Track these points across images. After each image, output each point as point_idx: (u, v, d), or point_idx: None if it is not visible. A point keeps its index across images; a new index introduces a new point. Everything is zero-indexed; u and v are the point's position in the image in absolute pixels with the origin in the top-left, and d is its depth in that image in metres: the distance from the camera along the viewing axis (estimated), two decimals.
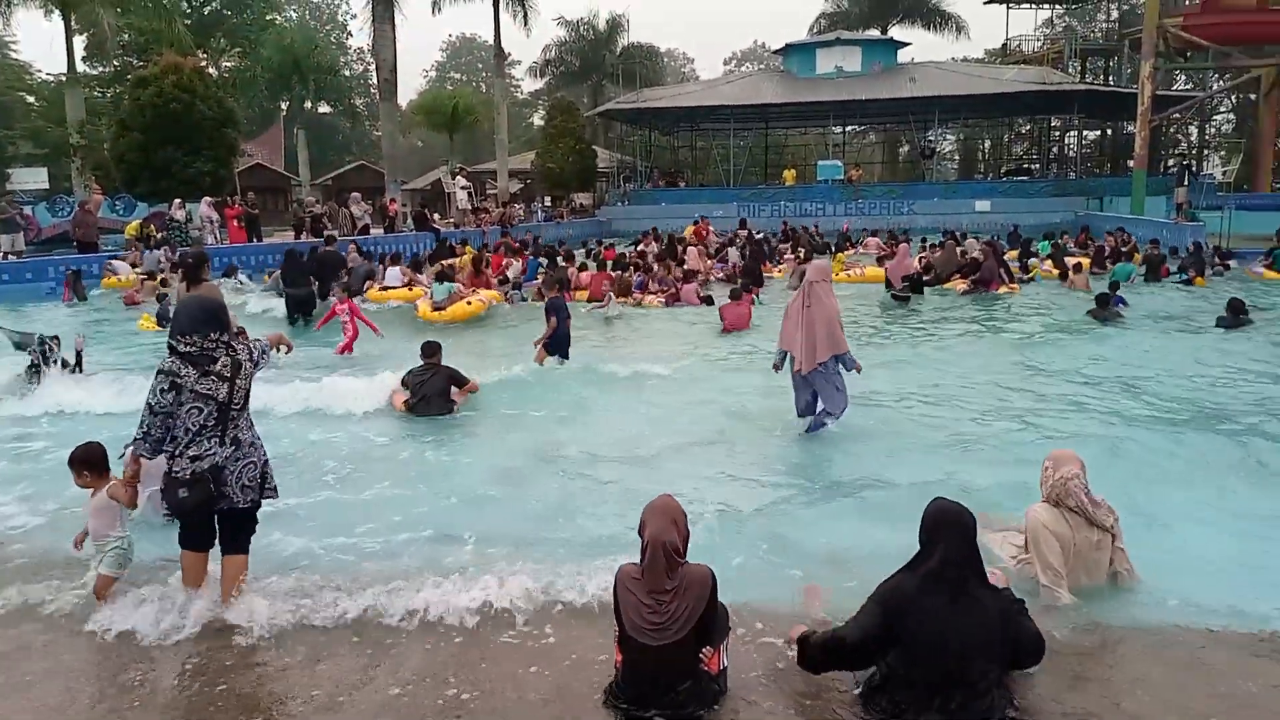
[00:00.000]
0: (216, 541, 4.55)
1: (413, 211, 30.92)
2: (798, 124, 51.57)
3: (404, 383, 8.81)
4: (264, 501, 4.59)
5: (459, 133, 47.95)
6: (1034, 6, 48.53)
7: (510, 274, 18.79)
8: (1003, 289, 17.11)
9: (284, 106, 51.70)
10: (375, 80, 36.16)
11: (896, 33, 48.87)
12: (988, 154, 56.71)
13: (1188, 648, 4.11)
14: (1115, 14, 49.80)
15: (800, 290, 7.66)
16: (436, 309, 14.85)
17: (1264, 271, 19.00)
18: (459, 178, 33.07)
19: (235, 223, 24.13)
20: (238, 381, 4.35)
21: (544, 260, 19.94)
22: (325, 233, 21.31)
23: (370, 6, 29.35)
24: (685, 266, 19.15)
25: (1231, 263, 20.38)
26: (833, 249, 25.26)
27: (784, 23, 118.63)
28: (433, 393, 8.58)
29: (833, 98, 39.92)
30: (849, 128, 52.78)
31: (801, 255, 21.59)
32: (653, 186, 43.84)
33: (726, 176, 44.59)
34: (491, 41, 38.06)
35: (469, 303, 15.11)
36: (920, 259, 19.21)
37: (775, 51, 50.69)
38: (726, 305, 13.96)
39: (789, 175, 43.37)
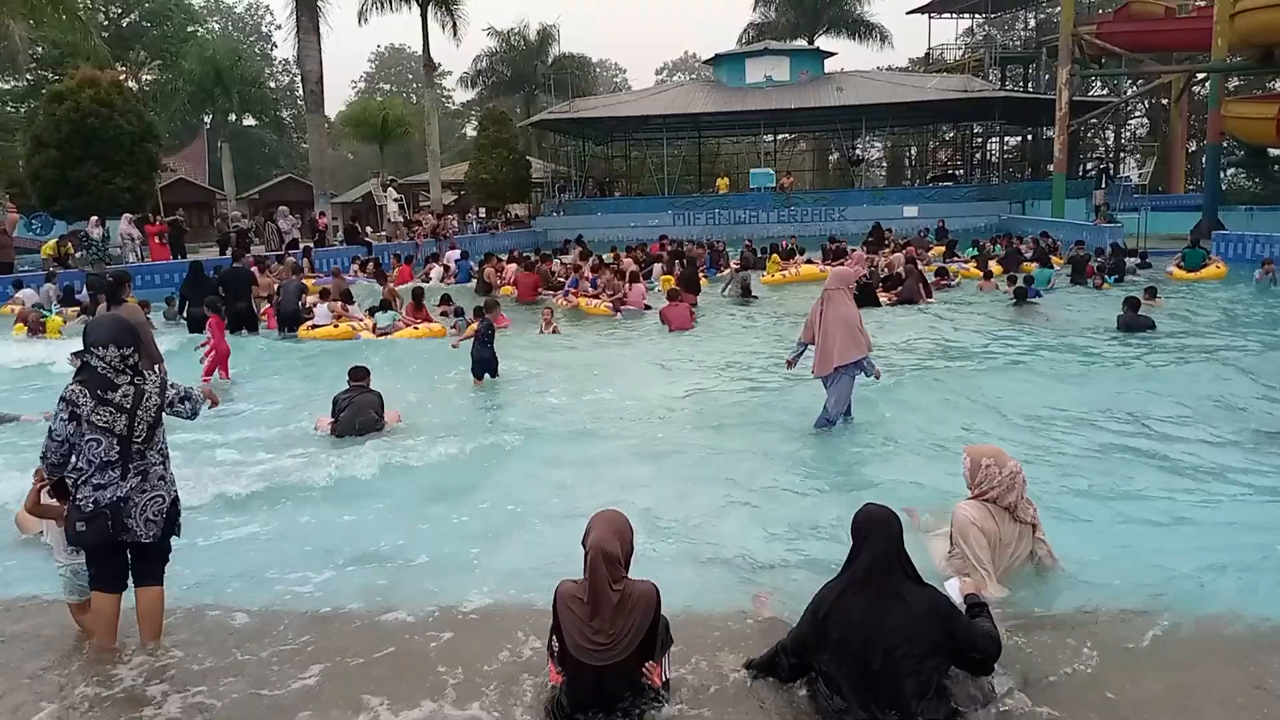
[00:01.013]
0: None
1: (343, 225, 30.44)
2: (730, 133, 52.08)
3: (333, 402, 8.64)
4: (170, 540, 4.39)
5: (390, 144, 47.36)
6: (955, 16, 49.84)
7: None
8: (921, 302, 17.41)
9: (207, 120, 50.46)
10: (302, 92, 35.52)
11: (823, 43, 49.76)
12: (914, 160, 57.98)
13: (1113, 629, 4.24)
14: (1033, 22, 51.37)
15: (820, 297, 7.99)
16: (381, 334, 14.63)
17: (1174, 270, 19.69)
18: (390, 190, 32.67)
19: (157, 239, 23.46)
20: (139, 414, 4.14)
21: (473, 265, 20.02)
22: (251, 248, 20.89)
23: (295, 17, 28.84)
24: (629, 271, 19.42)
25: (1145, 261, 21.11)
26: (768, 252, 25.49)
27: (713, 33, 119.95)
28: (361, 406, 8.41)
29: (763, 106, 40.43)
30: (780, 136, 53.46)
31: (738, 264, 21.92)
32: (587, 196, 43.86)
33: (661, 185, 44.84)
34: (420, 52, 37.62)
35: (416, 327, 14.92)
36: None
37: (705, 61, 51.10)
38: (666, 308, 14.81)
39: (722, 184, 43.74)
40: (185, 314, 14.91)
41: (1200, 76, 33.65)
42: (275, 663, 4.23)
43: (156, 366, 8.20)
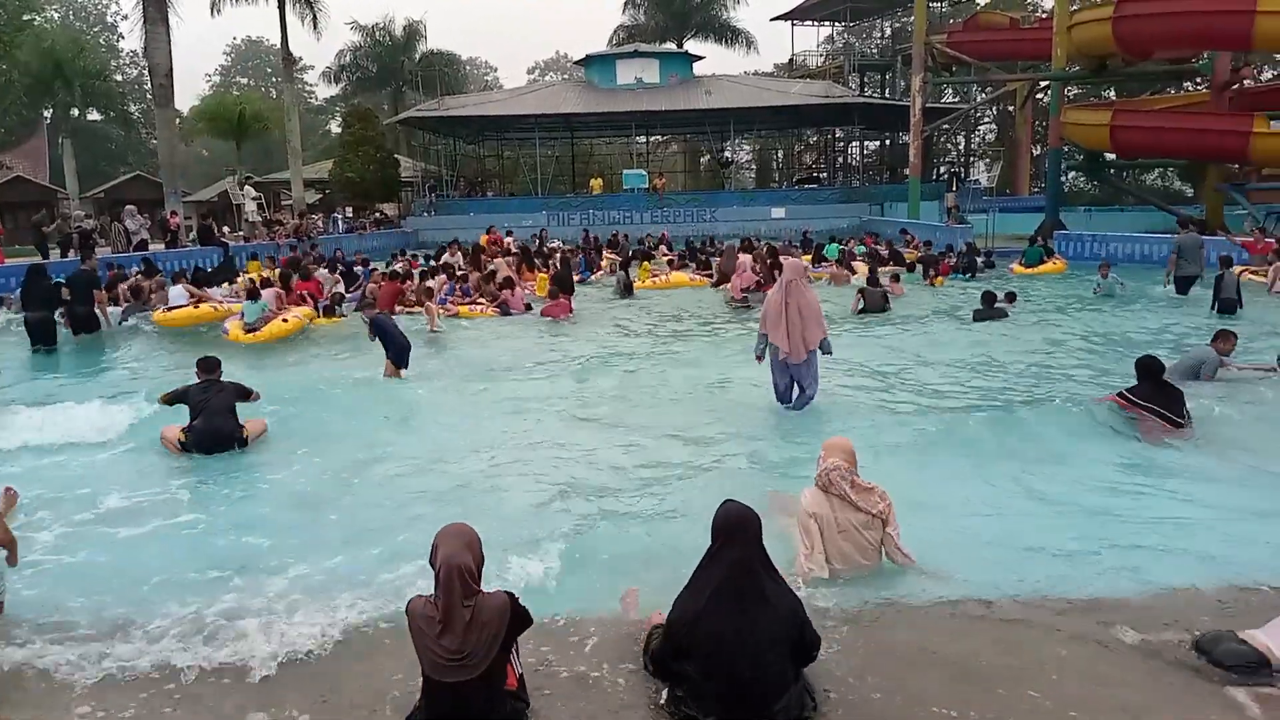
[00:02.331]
0: None
1: (197, 225, 28.92)
2: (602, 134, 52.25)
3: (170, 400, 7.92)
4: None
5: (248, 141, 45.28)
6: (816, 24, 51.45)
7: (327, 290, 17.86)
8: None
9: (47, 114, 47.11)
10: (150, 85, 33.56)
11: (691, 46, 50.51)
12: (781, 163, 59.56)
13: (965, 619, 4.41)
14: (889, 31, 53.54)
15: (780, 288, 8.43)
16: (249, 330, 13.81)
17: (1016, 267, 21.04)
18: (248, 188, 31.27)
19: None
20: None
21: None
22: (95, 249, 19.55)
23: (141, 7, 27.19)
24: (499, 276, 19.14)
25: (990, 260, 22.35)
26: (638, 253, 25.73)
27: (584, 33, 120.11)
28: (219, 409, 7.65)
29: (634, 108, 40.74)
30: (652, 137, 53.99)
31: (617, 260, 22.20)
32: (460, 196, 43.17)
33: (534, 185, 44.58)
34: (279, 45, 36.13)
35: (285, 320, 14.26)
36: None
37: (576, 62, 51.14)
38: (546, 307, 15.75)
39: (596, 184, 43.90)
40: (25, 322, 13.81)
41: (1042, 85, 35.76)
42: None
43: None
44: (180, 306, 15.78)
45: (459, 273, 19.14)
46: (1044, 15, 37.32)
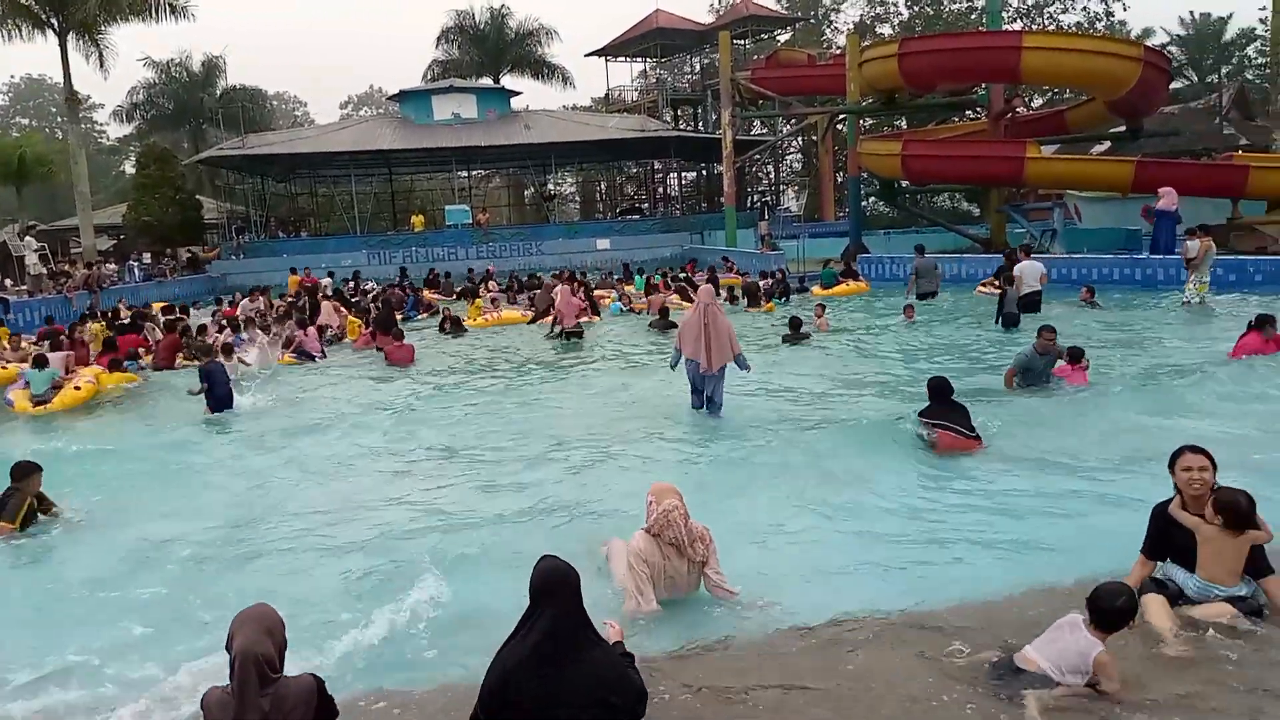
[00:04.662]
0: None
1: None
2: (422, 169, 51.39)
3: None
4: None
5: (29, 186, 41.63)
6: (629, 60, 52.72)
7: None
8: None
9: None
10: None
11: (508, 82, 50.54)
12: (605, 195, 60.43)
13: (787, 647, 4.56)
14: (699, 67, 55.56)
15: (697, 310, 9.77)
16: (39, 404, 12.54)
17: (815, 289, 22.32)
18: (29, 238, 28.75)
19: None
20: None
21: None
22: None
23: None
24: (319, 321, 18.71)
25: (803, 285, 23.49)
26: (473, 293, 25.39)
27: (398, 68, 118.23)
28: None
29: (452, 144, 40.33)
30: (474, 172, 53.56)
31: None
32: (270, 237, 41.30)
33: (352, 224, 43.24)
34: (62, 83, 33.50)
35: (77, 387, 13.02)
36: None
37: (391, 97, 50.15)
38: (390, 350, 15.49)
39: (417, 221, 43.07)
40: None
41: (840, 117, 38.02)
42: None
43: None
44: None
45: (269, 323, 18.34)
46: (838, 52, 39.69)
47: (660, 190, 53.44)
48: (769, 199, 49.93)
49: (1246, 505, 4.50)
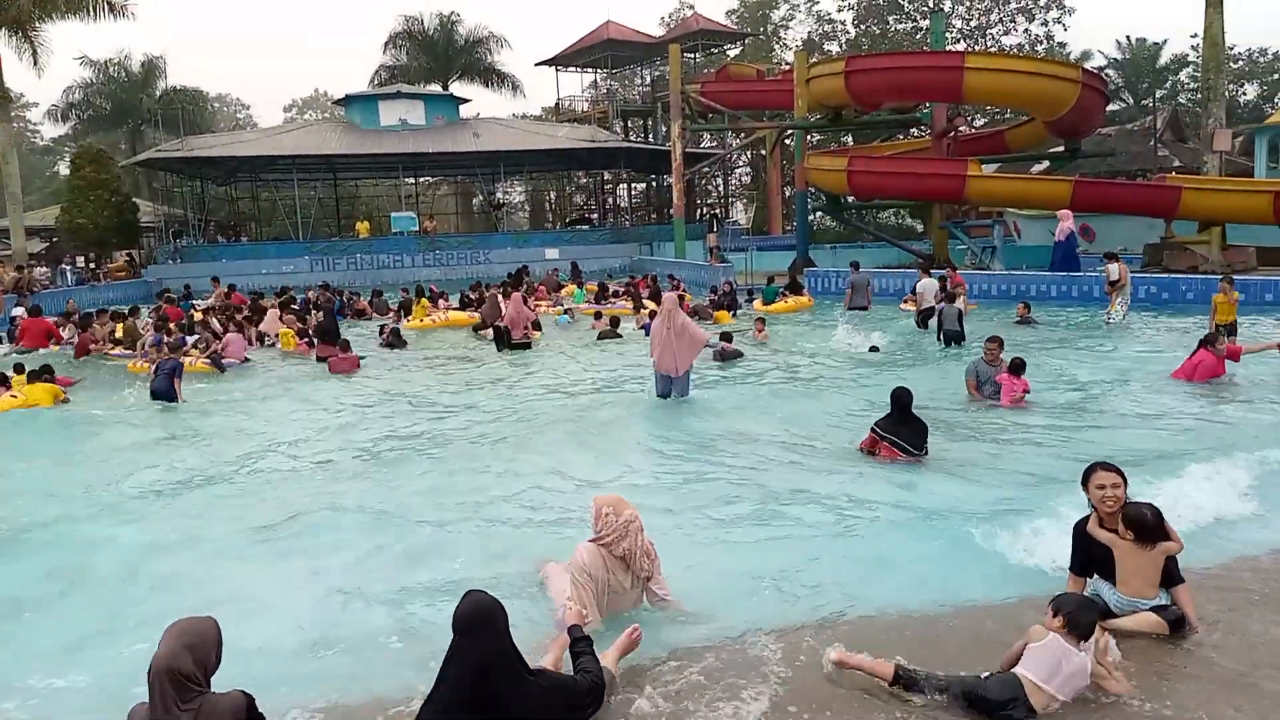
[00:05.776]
0: None
1: None
2: (368, 175, 50.80)
3: None
4: None
5: None
6: (580, 70, 52.75)
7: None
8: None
9: None
10: None
11: (456, 89, 50.21)
12: (554, 205, 60.30)
13: (733, 664, 4.52)
14: (649, 79, 55.83)
15: (662, 316, 10.69)
16: None
17: (757, 305, 22.13)
18: None
19: None
20: None
21: None
22: None
23: None
24: (261, 328, 18.92)
25: (751, 297, 23.60)
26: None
27: (344, 72, 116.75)
28: None
29: (399, 150, 39.93)
30: (421, 179, 53.07)
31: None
32: (209, 242, 40.42)
33: (295, 229, 42.53)
34: None
35: (15, 395, 12.54)
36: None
37: (337, 102, 49.51)
38: (333, 360, 15.14)
39: (362, 227, 42.49)
40: None
41: (788, 132, 38.49)
42: None
43: None
44: None
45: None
46: (787, 68, 40.14)
47: (610, 201, 53.51)
48: (718, 211, 50.29)
49: (1153, 518, 4.59)
